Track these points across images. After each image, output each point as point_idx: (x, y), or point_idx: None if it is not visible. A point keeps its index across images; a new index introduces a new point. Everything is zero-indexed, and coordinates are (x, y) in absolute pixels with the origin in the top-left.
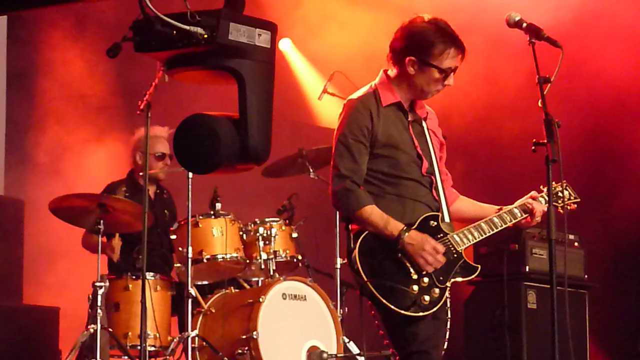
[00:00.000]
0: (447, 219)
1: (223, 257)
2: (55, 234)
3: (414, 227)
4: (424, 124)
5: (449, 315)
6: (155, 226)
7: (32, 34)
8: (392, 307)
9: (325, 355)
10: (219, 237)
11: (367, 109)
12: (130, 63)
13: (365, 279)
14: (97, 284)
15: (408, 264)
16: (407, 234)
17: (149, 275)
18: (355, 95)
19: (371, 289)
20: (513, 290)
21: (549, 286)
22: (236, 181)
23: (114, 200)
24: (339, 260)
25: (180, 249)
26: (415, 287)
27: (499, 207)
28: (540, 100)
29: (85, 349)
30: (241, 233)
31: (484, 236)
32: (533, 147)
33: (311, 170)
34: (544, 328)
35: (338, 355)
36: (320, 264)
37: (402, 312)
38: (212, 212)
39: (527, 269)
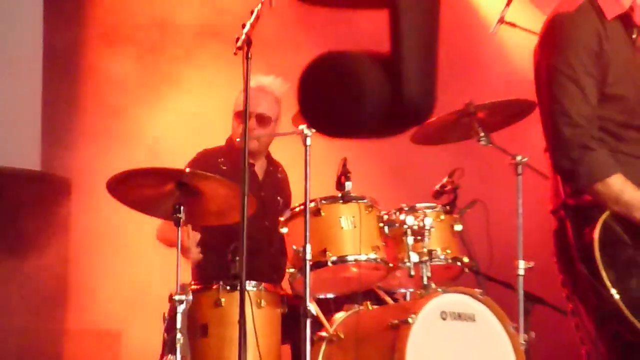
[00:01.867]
0: None
1: (356, 259)
2: (115, 226)
3: None
4: None
5: None
6: (262, 216)
7: None
8: None
9: None
10: (350, 231)
11: (591, 25)
12: None
13: (610, 290)
14: (176, 297)
15: None
16: None
17: (250, 285)
18: (566, 6)
19: (619, 305)
20: None
21: None
22: (371, 150)
23: (201, 178)
24: (522, 264)
25: (294, 247)
26: None
27: None
28: None
29: None
30: (382, 225)
31: None
32: None
33: (482, 134)
34: None
35: None
36: (495, 268)
37: None
38: (339, 195)
39: None
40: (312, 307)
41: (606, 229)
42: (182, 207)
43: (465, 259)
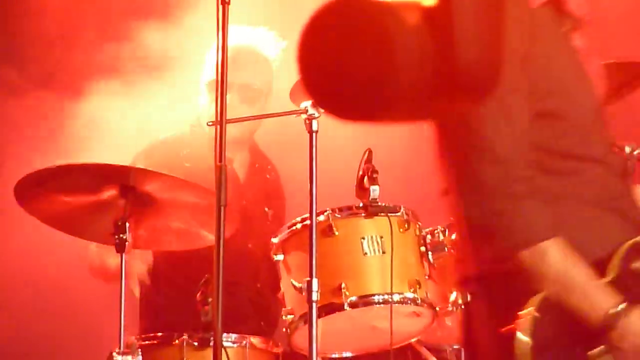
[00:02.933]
0: None
1: (385, 300)
2: (31, 251)
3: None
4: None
5: None
6: (244, 236)
7: None
8: None
9: None
10: (377, 258)
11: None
12: None
13: None
14: (120, 357)
15: None
16: (626, 317)
17: (229, 340)
18: None
19: None
20: None
21: None
22: (408, 139)
23: (156, 180)
24: None
25: (293, 282)
26: None
27: None
28: None
29: None
30: (423, 249)
31: None
32: None
33: None
34: None
35: None
36: None
37: None
38: (361, 205)
39: None
40: None
41: (543, 322)
42: (126, 224)
43: None
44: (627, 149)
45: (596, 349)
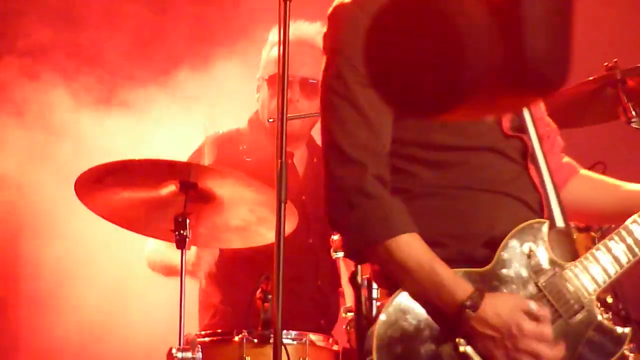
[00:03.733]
0: (559, 223)
1: None
2: (93, 245)
3: (490, 268)
4: None
5: None
6: (304, 232)
7: None
8: None
9: None
10: None
11: (370, 15)
12: None
13: None
14: (180, 354)
15: None
16: (480, 304)
17: (289, 337)
18: None
19: None
20: None
21: None
22: None
23: (216, 176)
24: None
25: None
26: None
27: None
28: None
29: None
30: None
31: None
32: None
33: (633, 112)
34: None
35: None
36: None
37: None
38: None
39: None
40: None
41: (391, 319)
42: (187, 220)
43: (609, 299)
44: None
45: (461, 339)
